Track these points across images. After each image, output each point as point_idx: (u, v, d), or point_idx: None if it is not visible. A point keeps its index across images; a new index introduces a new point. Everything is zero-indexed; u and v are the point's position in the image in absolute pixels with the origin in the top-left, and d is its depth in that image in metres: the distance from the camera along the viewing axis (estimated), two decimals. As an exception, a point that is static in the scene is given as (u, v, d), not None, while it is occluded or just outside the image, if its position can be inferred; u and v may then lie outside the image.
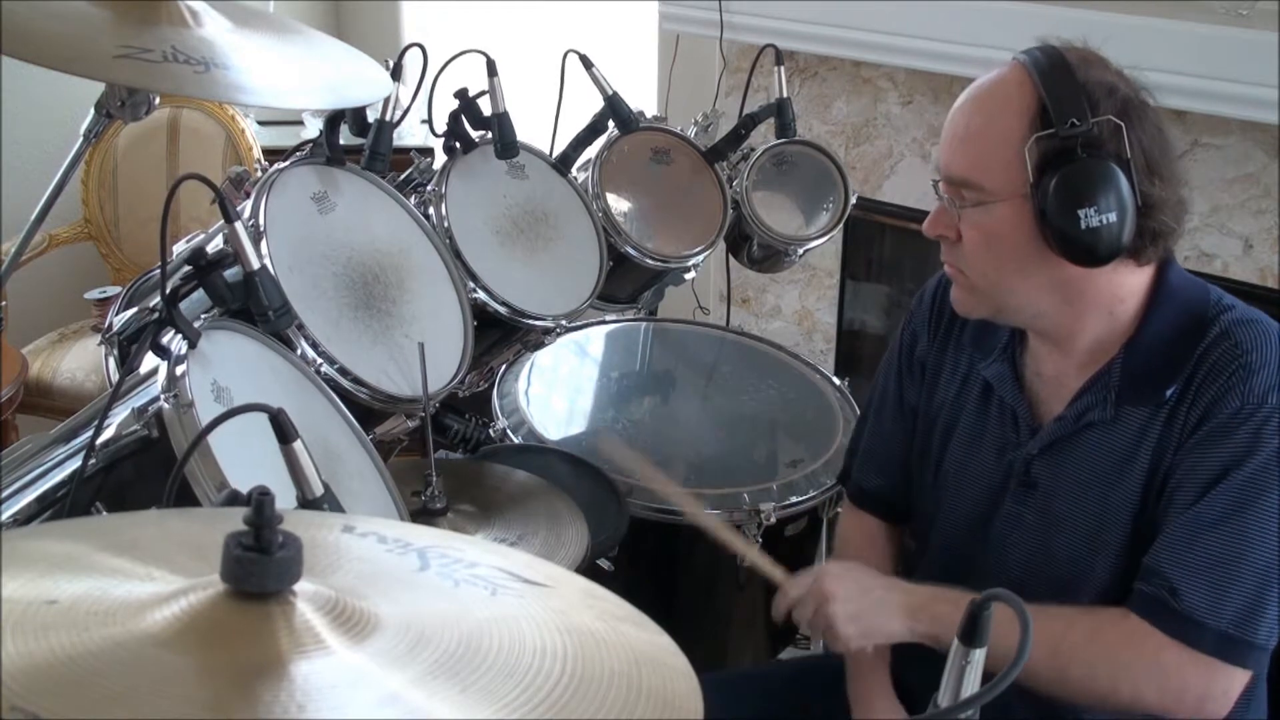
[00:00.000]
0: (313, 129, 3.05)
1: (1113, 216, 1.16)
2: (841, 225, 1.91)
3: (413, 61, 1.53)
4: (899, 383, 1.51)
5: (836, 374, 2.11)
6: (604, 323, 2.17)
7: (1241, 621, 1.18)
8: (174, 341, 1.08)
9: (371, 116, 1.47)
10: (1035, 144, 1.18)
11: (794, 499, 1.75)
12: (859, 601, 1.32)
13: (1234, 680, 1.20)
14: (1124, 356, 1.26)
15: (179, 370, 1.05)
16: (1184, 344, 1.24)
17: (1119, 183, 1.16)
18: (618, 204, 1.76)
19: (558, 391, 2.01)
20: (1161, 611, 1.20)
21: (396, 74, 1.49)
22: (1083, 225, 1.16)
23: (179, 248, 1.32)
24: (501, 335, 1.59)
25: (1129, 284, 1.25)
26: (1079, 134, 1.16)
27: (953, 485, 1.41)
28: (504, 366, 1.92)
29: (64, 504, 1.06)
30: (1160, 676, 1.21)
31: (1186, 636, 1.19)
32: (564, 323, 1.60)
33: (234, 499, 0.88)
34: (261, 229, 1.27)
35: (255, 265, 1.15)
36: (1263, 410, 1.18)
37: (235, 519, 0.59)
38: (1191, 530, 1.19)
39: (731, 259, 2.08)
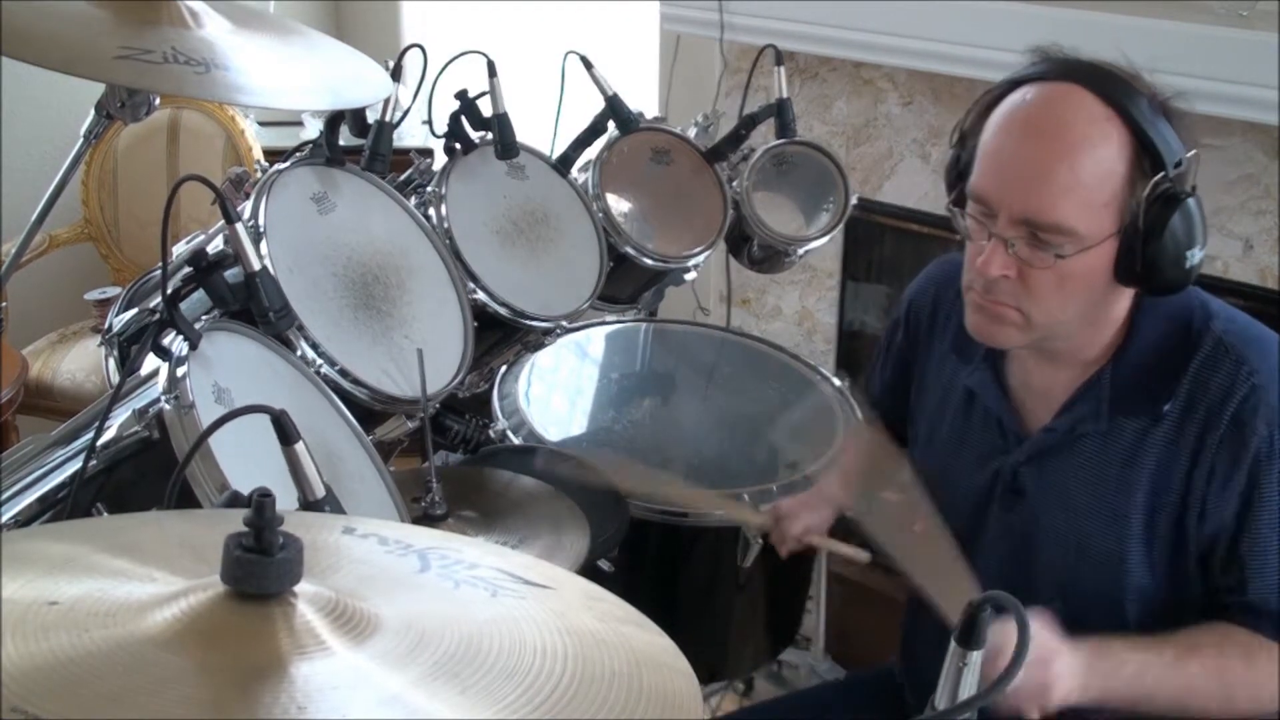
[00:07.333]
0: (312, 130, 3.05)
1: (1201, 248, 1.16)
2: (842, 226, 1.91)
3: (413, 62, 1.53)
4: (902, 346, 1.53)
5: (836, 375, 2.11)
6: (604, 323, 2.17)
7: None
8: (175, 343, 1.08)
9: (371, 117, 1.47)
10: (1144, 189, 1.13)
11: (794, 500, 1.74)
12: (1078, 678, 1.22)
13: None
14: (1113, 366, 1.25)
15: (180, 371, 1.05)
16: (1175, 353, 1.23)
17: (1202, 213, 1.16)
18: (618, 204, 1.75)
19: (558, 392, 2.01)
20: None
21: (396, 75, 1.49)
22: (1188, 265, 1.15)
23: (179, 249, 1.32)
24: (502, 336, 1.59)
25: (1125, 295, 1.25)
26: (1183, 173, 1.14)
27: (932, 489, 1.40)
28: (504, 367, 1.91)
29: (65, 505, 1.06)
30: None
31: None
32: (564, 323, 1.60)
33: (235, 500, 0.88)
34: (261, 230, 1.27)
35: (256, 266, 1.14)
36: None
37: (236, 520, 0.59)
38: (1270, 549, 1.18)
39: (732, 259, 2.07)
